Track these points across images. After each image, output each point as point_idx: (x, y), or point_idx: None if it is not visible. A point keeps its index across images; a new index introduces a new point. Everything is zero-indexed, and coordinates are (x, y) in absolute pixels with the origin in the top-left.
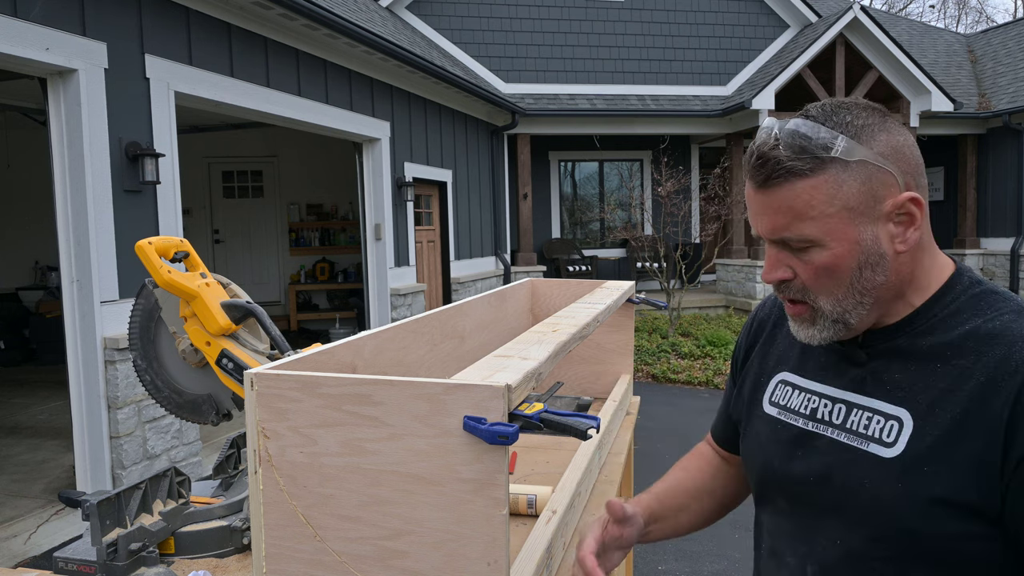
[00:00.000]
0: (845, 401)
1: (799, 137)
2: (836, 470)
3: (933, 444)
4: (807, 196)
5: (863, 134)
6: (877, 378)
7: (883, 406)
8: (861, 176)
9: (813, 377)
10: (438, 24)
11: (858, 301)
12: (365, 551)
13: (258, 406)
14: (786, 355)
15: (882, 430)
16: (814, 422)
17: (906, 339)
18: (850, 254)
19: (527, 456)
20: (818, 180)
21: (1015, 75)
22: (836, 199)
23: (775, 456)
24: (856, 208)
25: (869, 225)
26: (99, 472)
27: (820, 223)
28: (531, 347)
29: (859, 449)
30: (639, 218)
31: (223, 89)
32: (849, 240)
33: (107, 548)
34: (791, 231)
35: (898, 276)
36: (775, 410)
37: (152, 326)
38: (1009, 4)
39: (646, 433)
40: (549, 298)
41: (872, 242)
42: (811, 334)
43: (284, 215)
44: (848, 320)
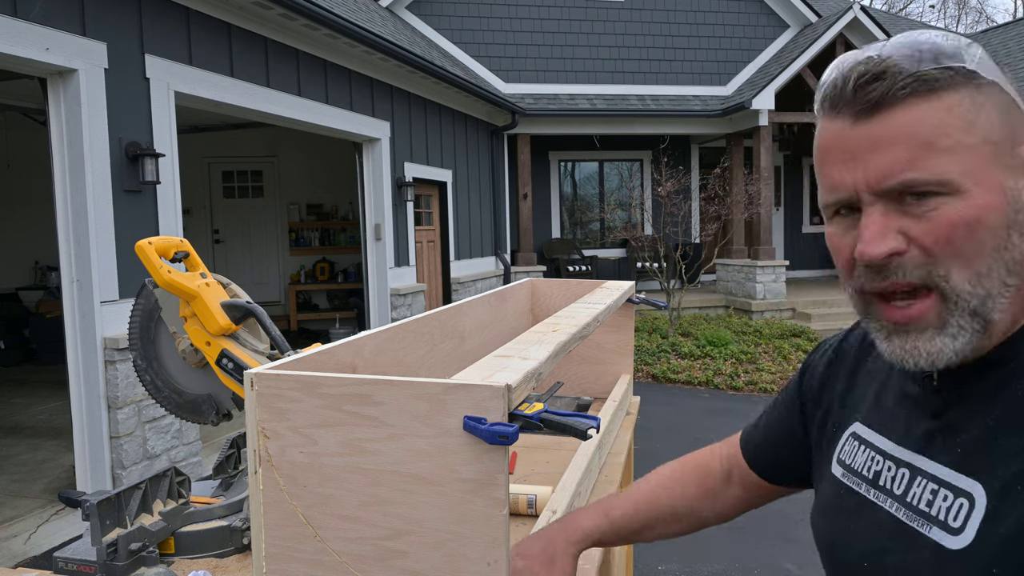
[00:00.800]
0: (910, 465)
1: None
2: (890, 557)
3: (1008, 537)
4: (938, 119)
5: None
6: (950, 435)
7: (952, 476)
8: (1000, 104)
9: (879, 428)
10: (438, 24)
11: (1003, 281)
12: (365, 551)
13: (258, 406)
14: (860, 401)
15: (948, 510)
16: (875, 489)
17: (995, 381)
18: (997, 205)
19: (527, 456)
20: (954, 99)
21: (1015, 75)
22: (977, 127)
23: (837, 533)
24: (999, 144)
25: (1012, 172)
26: (99, 472)
27: (959, 157)
28: (531, 347)
29: (919, 533)
30: (639, 218)
31: (223, 89)
32: (995, 185)
33: (107, 548)
34: (918, 169)
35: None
36: (840, 471)
37: (152, 326)
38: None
39: (646, 433)
40: (549, 298)
41: (1019, 194)
42: (935, 347)
43: (284, 215)
44: (990, 312)
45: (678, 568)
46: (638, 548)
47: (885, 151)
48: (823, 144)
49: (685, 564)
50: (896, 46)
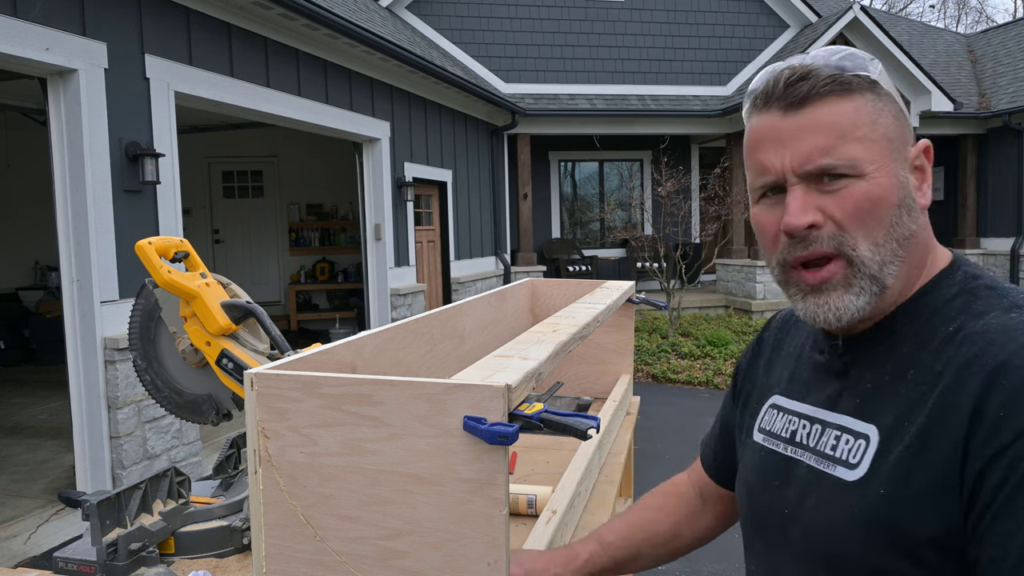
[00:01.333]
0: (820, 420)
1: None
2: (807, 499)
3: (895, 464)
4: (853, 114)
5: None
6: (852, 391)
7: (852, 423)
8: (894, 109)
9: (796, 396)
10: (438, 24)
11: (894, 251)
12: (365, 551)
13: (258, 406)
14: (779, 378)
15: (849, 450)
16: (793, 446)
17: (884, 341)
18: (892, 187)
19: (527, 456)
20: (862, 101)
21: (1015, 75)
22: (879, 125)
23: (756, 487)
24: (894, 140)
25: (901, 164)
26: (99, 472)
27: (867, 146)
28: (531, 347)
29: (826, 473)
30: (639, 218)
31: (223, 89)
32: (891, 172)
33: (107, 548)
34: (834, 154)
35: (923, 235)
36: (762, 437)
37: (152, 326)
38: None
39: (646, 433)
40: (549, 298)
41: (906, 183)
42: (843, 304)
43: (284, 215)
44: (885, 276)
45: (678, 568)
46: None
47: (808, 138)
48: (755, 134)
49: (685, 564)
50: (817, 56)
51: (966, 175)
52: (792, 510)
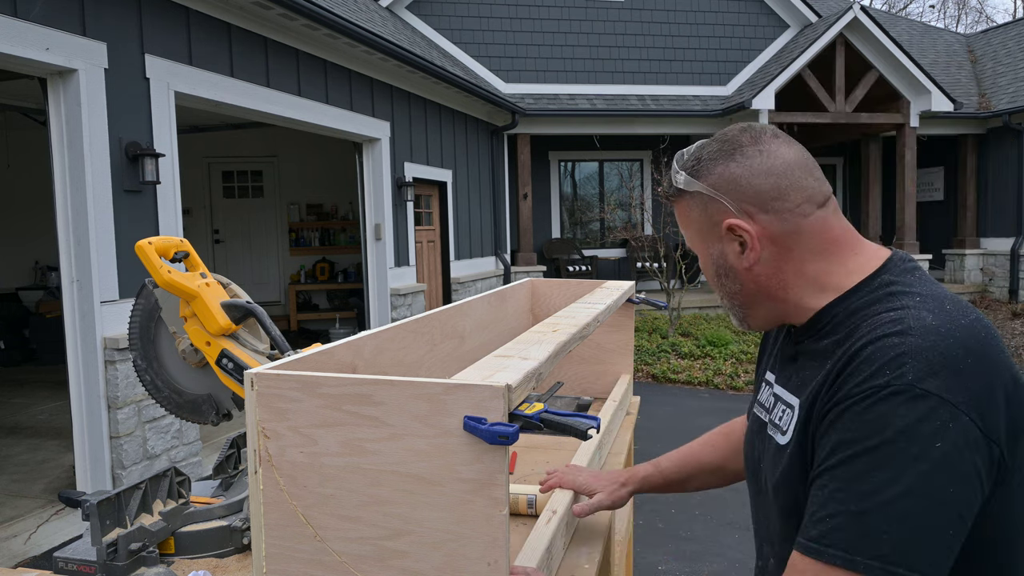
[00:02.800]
0: (775, 394)
1: (673, 170)
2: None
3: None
4: (678, 215)
5: (701, 169)
6: (796, 373)
7: (789, 397)
8: (699, 204)
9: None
10: (438, 24)
11: (731, 303)
12: (365, 551)
13: (258, 406)
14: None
15: (782, 418)
16: (767, 412)
17: (812, 340)
18: (706, 264)
19: (527, 456)
20: (679, 206)
21: (1015, 75)
22: (690, 221)
23: (747, 446)
24: (701, 229)
25: (715, 243)
26: (99, 472)
27: (687, 236)
28: (531, 347)
29: (771, 437)
30: (639, 218)
31: (223, 89)
32: (704, 253)
33: (107, 548)
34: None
35: (758, 285)
36: (756, 407)
37: (152, 326)
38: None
39: (646, 433)
40: (549, 298)
41: (719, 256)
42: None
43: (284, 215)
44: (735, 313)
45: (678, 568)
46: (638, 549)
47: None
48: None
49: (685, 564)
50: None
51: (966, 175)
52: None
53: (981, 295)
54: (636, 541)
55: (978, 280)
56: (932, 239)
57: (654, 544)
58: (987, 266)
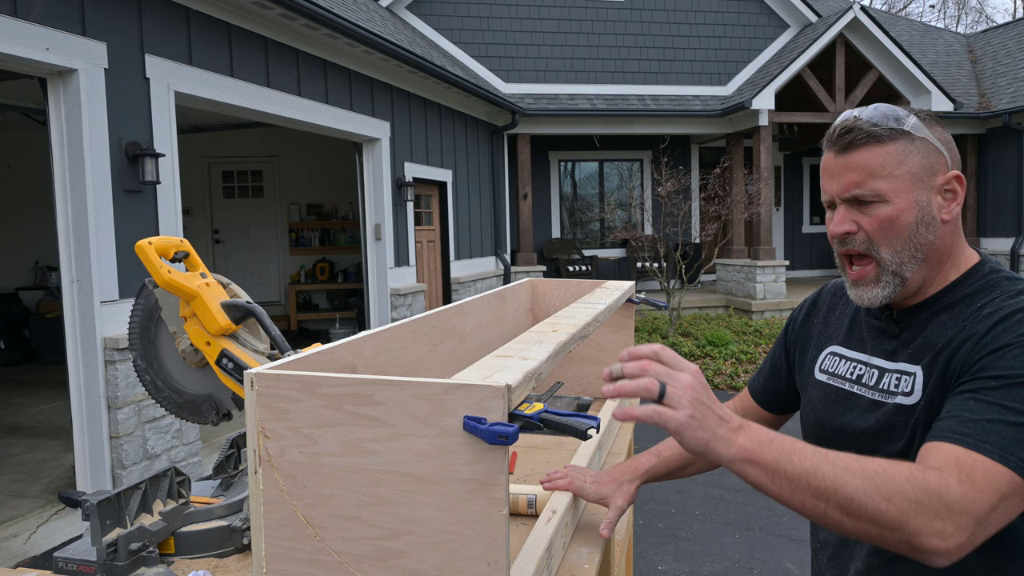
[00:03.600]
0: (879, 367)
1: (879, 114)
2: (872, 421)
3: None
4: (881, 158)
5: (926, 121)
6: (905, 346)
7: (906, 367)
8: (923, 150)
9: (857, 348)
10: (438, 24)
11: (912, 255)
12: (365, 551)
13: (258, 406)
14: (836, 332)
15: (904, 385)
16: (858, 385)
17: (929, 313)
18: (910, 210)
19: (527, 456)
20: (891, 147)
21: (1015, 75)
22: (904, 164)
23: (825, 414)
24: (918, 175)
25: (925, 191)
26: (99, 472)
27: (890, 181)
28: (531, 347)
29: (887, 403)
30: (639, 218)
31: (223, 89)
32: (910, 199)
33: (107, 548)
34: (865, 187)
35: (943, 242)
36: (825, 376)
37: (152, 326)
38: (1009, 4)
39: (646, 433)
40: (549, 298)
41: (927, 205)
42: (873, 294)
43: (284, 215)
44: (904, 272)
45: (678, 568)
46: (638, 549)
47: (849, 174)
48: (822, 166)
49: (685, 564)
50: (867, 111)
51: (966, 175)
52: (857, 429)
53: None
54: (636, 541)
55: None
56: None
57: (654, 544)
58: None
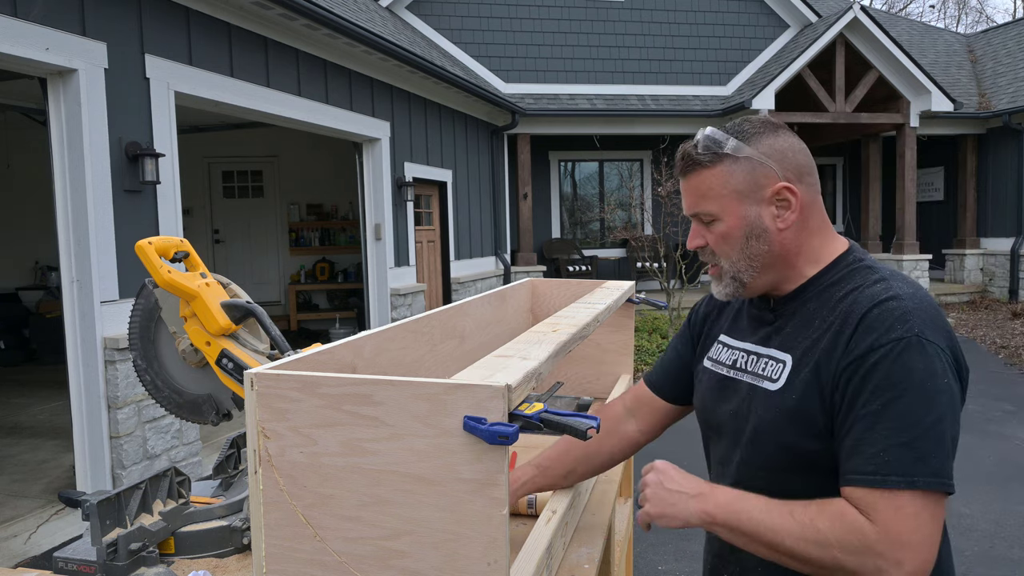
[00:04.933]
0: (754, 352)
1: (705, 139)
2: (742, 405)
3: (802, 378)
4: (708, 181)
5: (751, 138)
6: (777, 333)
7: (776, 353)
8: (747, 168)
9: (738, 336)
10: (438, 24)
11: (748, 264)
12: (365, 551)
13: (258, 406)
14: (725, 323)
15: (772, 371)
16: (734, 370)
17: (798, 303)
18: (739, 226)
19: (527, 456)
20: (715, 171)
21: (1015, 75)
22: (728, 184)
23: (707, 399)
24: (743, 191)
25: (754, 206)
26: (99, 472)
27: (717, 202)
28: (531, 347)
29: (756, 386)
30: (639, 218)
31: (223, 89)
32: (737, 216)
33: (107, 548)
34: (699, 207)
35: (783, 248)
36: (710, 364)
37: (152, 326)
38: (1009, 4)
39: None
40: (549, 298)
41: (756, 218)
42: (719, 290)
43: (284, 215)
44: (741, 278)
45: (678, 568)
46: (638, 549)
47: (688, 197)
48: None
49: (685, 564)
50: (700, 137)
51: (966, 175)
52: (732, 412)
53: (981, 295)
54: (636, 541)
55: (978, 280)
56: (932, 239)
57: (654, 544)
58: (987, 266)
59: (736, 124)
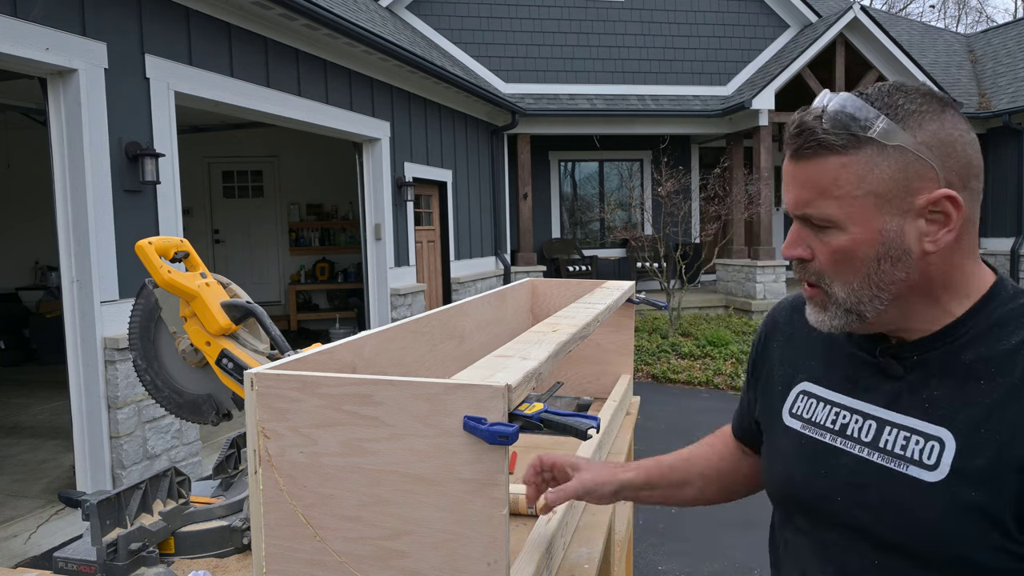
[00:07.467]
0: (876, 418)
1: (841, 112)
2: (870, 491)
3: (983, 467)
4: (835, 173)
5: (910, 120)
6: (914, 394)
7: (921, 425)
8: (897, 163)
9: (840, 389)
10: (438, 24)
11: (874, 294)
12: (365, 551)
13: (258, 406)
14: (806, 363)
15: (922, 451)
16: (843, 438)
17: (946, 352)
18: (870, 242)
19: (527, 456)
20: (850, 159)
21: (1015, 75)
22: (865, 182)
23: (797, 472)
24: (885, 195)
25: (896, 216)
26: (99, 472)
27: (844, 204)
28: (531, 347)
29: (896, 471)
30: (639, 218)
31: (223, 89)
32: (871, 227)
33: (107, 548)
34: (813, 207)
35: (925, 277)
36: (798, 423)
37: (152, 326)
38: (1009, 4)
39: (646, 433)
40: (549, 298)
41: (896, 235)
42: (822, 320)
43: (284, 215)
44: (863, 312)
45: (678, 568)
46: (638, 549)
47: (798, 188)
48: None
49: (685, 564)
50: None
51: None
52: (847, 498)
53: None
54: (636, 541)
55: None
56: None
57: (654, 544)
58: None
59: (884, 91)
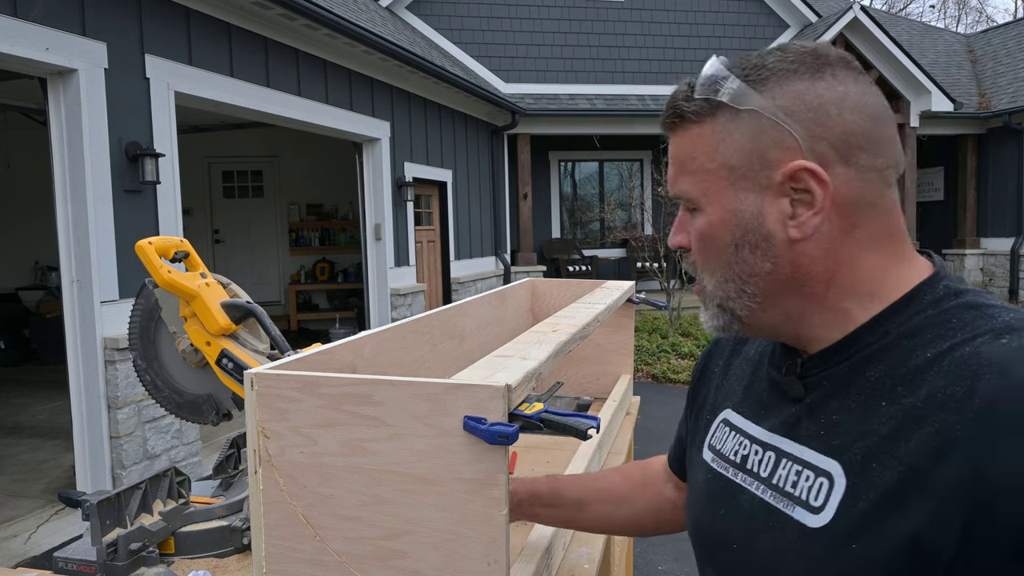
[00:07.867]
0: (775, 448)
1: (704, 77)
2: (761, 537)
3: (866, 512)
4: (691, 146)
5: (770, 80)
6: (812, 419)
7: (814, 457)
8: (750, 130)
9: (749, 415)
10: (438, 24)
11: (740, 288)
12: (365, 551)
13: (258, 406)
14: (735, 388)
15: (810, 489)
16: (743, 473)
17: (849, 366)
18: (723, 223)
19: (527, 456)
20: (703, 128)
21: (1015, 75)
22: (717, 152)
23: (701, 513)
24: (738, 168)
25: (752, 193)
26: (99, 472)
27: (698, 179)
28: (531, 347)
29: (783, 513)
30: (639, 218)
31: (223, 89)
32: (725, 206)
33: (107, 548)
34: (676, 186)
35: (798, 270)
36: (711, 455)
37: (152, 326)
38: (1009, 4)
39: (646, 433)
40: (549, 298)
41: (753, 215)
42: (704, 319)
43: (284, 215)
44: (733, 309)
45: (678, 568)
46: (638, 549)
47: (670, 165)
48: None
49: (685, 564)
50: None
51: (966, 175)
52: (741, 545)
53: None
54: (636, 541)
55: (978, 280)
56: (932, 239)
57: (654, 544)
58: (987, 266)
59: (765, 52)
